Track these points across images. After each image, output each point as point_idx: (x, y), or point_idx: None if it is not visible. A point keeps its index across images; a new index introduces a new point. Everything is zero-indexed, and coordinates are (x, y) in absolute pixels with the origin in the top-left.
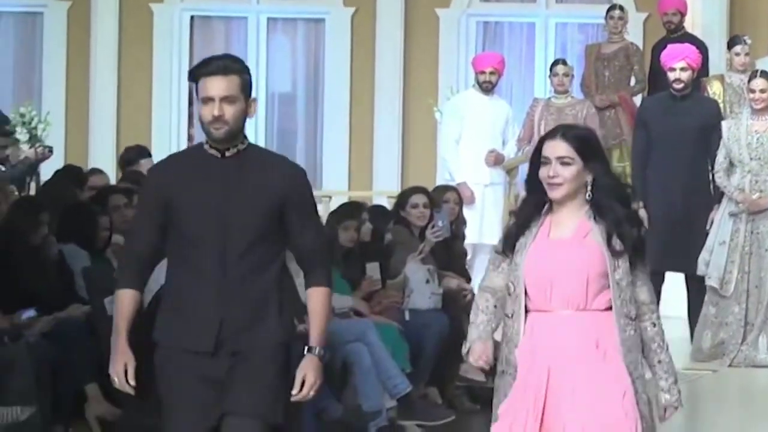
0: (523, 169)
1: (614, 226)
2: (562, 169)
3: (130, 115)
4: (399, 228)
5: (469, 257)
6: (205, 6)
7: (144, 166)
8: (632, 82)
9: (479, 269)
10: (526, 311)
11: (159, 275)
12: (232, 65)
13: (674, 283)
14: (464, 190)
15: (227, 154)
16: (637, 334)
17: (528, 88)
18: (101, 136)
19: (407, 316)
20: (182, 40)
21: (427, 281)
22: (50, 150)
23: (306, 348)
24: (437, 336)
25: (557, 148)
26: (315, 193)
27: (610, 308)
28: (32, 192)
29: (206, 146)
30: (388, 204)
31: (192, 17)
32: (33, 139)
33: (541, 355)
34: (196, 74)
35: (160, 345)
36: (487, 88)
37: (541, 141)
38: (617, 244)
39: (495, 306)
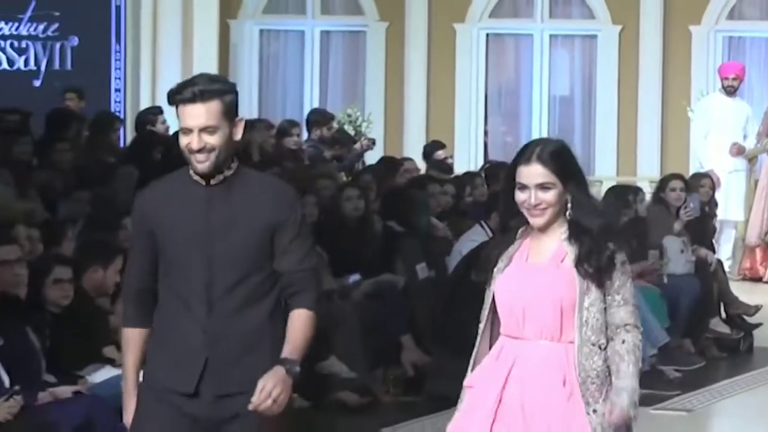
0: (762, 159)
1: (586, 246)
2: (543, 194)
3: (436, 114)
4: (658, 207)
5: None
6: (498, 25)
7: (442, 156)
8: None
9: (723, 242)
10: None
11: None
12: (210, 88)
13: None
14: (712, 176)
15: (212, 182)
16: (606, 365)
17: (765, 91)
18: (413, 131)
19: (665, 280)
20: (479, 53)
21: (682, 251)
22: (373, 142)
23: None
24: (691, 296)
25: (534, 173)
26: (588, 178)
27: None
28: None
29: (191, 171)
30: (649, 188)
31: (487, 35)
32: (358, 134)
33: (512, 382)
34: (172, 100)
35: (143, 381)
36: (730, 91)
37: (515, 163)
38: (586, 265)
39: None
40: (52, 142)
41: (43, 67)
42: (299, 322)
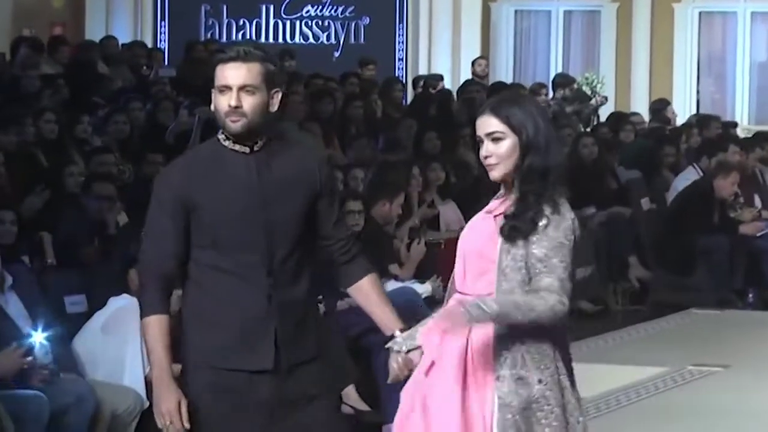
0: None
1: (514, 206)
2: (494, 147)
3: (658, 77)
4: None
5: None
6: (709, 5)
7: (669, 111)
8: None
9: None
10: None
11: None
12: (254, 52)
13: None
14: None
15: (255, 148)
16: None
17: None
18: (639, 91)
19: None
20: (693, 27)
21: None
22: (605, 98)
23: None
24: None
25: (486, 124)
26: None
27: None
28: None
29: (226, 143)
30: None
31: (700, 13)
32: (593, 93)
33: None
34: (213, 61)
35: (200, 368)
36: None
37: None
38: (502, 226)
39: None
40: (348, 101)
41: (341, 41)
42: (378, 289)
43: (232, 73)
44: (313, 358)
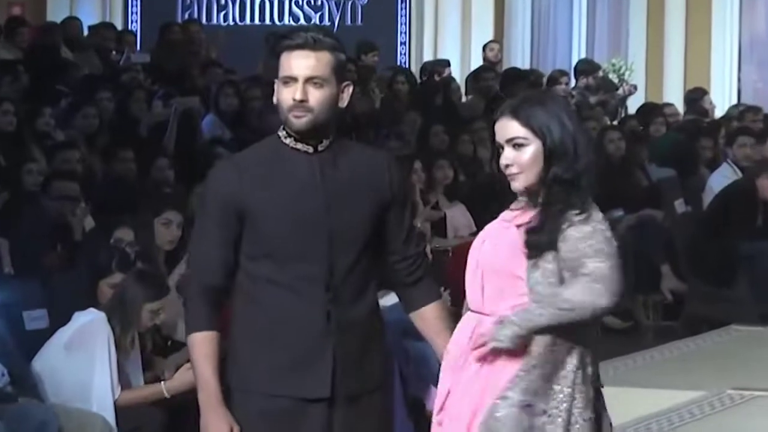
0: None
1: (537, 216)
2: (516, 154)
3: (694, 63)
4: None
5: None
6: None
7: (706, 101)
8: None
9: None
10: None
11: None
12: (324, 39)
13: None
14: None
15: (320, 148)
16: (548, 349)
17: None
18: (673, 79)
19: None
20: (734, 7)
21: None
22: (634, 87)
23: None
24: None
25: (506, 129)
26: None
27: None
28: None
29: (287, 140)
30: None
31: None
32: (621, 82)
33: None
34: (278, 48)
35: (249, 392)
36: None
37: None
38: (523, 241)
39: None
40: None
41: (336, 23)
42: (443, 321)
43: (299, 63)
44: (377, 388)
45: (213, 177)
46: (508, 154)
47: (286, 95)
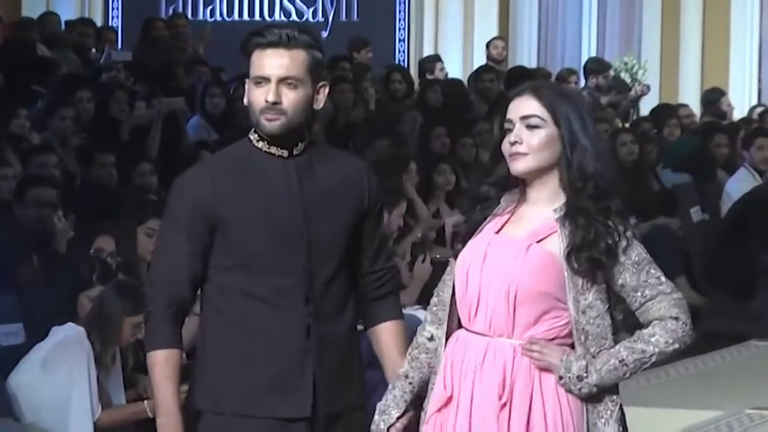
0: None
1: (580, 232)
2: (528, 134)
3: (711, 61)
4: None
5: None
6: None
7: (724, 103)
8: None
9: None
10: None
11: None
12: (299, 37)
13: None
14: None
15: (295, 152)
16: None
17: None
18: (689, 78)
19: None
20: (753, 7)
21: None
22: (647, 88)
23: None
24: None
25: (523, 105)
26: None
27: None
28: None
29: (260, 144)
30: None
31: None
32: (633, 81)
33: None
34: (249, 46)
35: (220, 414)
36: None
37: (508, 100)
38: (574, 260)
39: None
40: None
41: (330, 19)
42: (399, 341)
43: (272, 62)
44: (358, 407)
45: (180, 183)
46: (519, 132)
47: (257, 96)
